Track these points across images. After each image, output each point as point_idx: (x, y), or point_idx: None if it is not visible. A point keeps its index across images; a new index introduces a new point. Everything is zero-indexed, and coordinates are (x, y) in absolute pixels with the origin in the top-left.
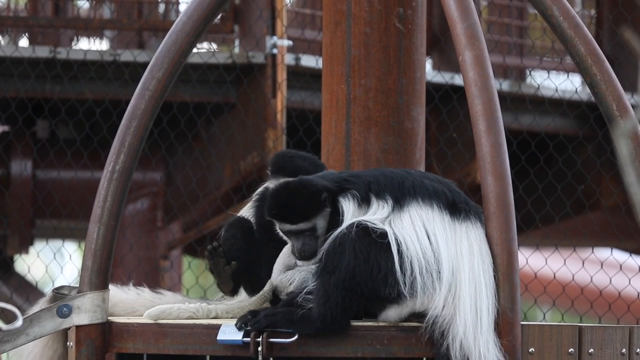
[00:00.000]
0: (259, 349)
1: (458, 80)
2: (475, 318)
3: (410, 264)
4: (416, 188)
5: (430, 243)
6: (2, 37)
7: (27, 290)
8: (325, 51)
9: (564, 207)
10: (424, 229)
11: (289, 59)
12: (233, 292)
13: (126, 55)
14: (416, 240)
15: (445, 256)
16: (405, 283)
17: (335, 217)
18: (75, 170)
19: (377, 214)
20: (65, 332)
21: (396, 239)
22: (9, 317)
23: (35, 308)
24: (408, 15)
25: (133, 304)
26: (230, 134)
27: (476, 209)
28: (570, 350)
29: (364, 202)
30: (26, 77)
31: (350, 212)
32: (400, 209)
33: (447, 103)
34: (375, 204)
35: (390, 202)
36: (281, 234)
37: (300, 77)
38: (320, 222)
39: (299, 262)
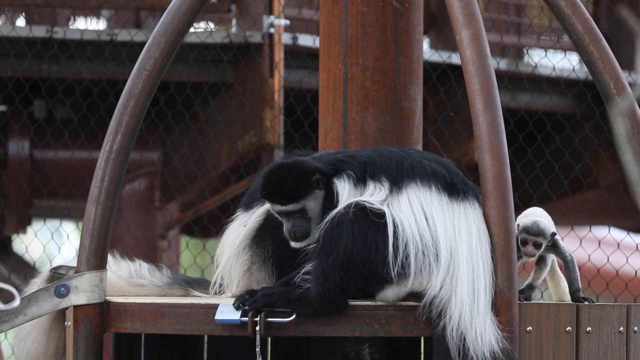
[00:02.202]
0: (257, 328)
1: (455, 59)
2: (472, 299)
3: (407, 245)
4: (414, 169)
5: (428, 225)
6: None
7: (25, 270)
8: (322, 30)
9: (562, 186)
10: (422, 211)
11: (286, 38)
12: None
13: (123, 35)
14: (414, 223)
15: (443, 238)
16: (402, 264)
17: (331, 200)
18: (72, 150)
19: (375, 196)
20: (63, 313)
21: (393, 221)
22: (7, 297)
23: (33, 288)
24: None
25: (123, 286)
26: (228, 114)
27: (474, 190)
28: (567, 329)
29: (359, 182)
30: (23, 56)
31: (346, 192)
32: (398, 191)
33: (445, 82)
34: (372, 185)
35: (387, 183)
36: (275, 214)
37: (298, 57)
38: (311, 204)
39: (292, 244)
